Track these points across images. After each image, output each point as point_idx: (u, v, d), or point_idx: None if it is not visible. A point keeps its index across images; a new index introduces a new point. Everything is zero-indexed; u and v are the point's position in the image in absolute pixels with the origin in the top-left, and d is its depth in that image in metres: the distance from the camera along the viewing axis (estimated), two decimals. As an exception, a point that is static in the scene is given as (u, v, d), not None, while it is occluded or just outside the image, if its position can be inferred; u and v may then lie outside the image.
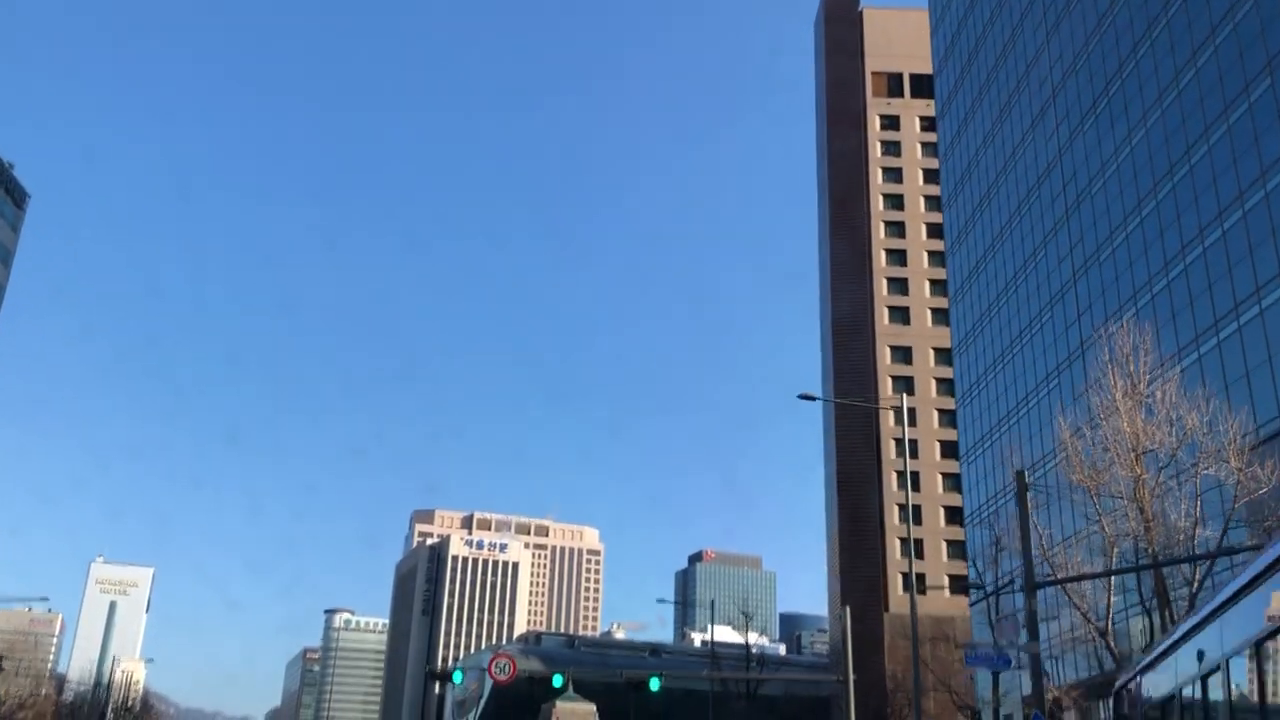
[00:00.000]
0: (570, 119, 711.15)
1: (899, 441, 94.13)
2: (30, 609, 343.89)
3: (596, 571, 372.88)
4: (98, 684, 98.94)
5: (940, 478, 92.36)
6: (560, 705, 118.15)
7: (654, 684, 29.51)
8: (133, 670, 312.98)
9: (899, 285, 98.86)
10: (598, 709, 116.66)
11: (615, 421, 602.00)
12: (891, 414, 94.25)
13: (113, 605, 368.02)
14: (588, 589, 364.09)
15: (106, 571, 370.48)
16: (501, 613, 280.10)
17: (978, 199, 70.62)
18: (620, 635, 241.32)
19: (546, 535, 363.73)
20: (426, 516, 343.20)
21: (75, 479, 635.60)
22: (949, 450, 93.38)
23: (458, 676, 31.63)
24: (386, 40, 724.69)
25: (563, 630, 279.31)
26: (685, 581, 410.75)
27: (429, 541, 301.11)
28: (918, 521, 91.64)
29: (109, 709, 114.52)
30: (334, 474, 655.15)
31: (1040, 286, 59.44)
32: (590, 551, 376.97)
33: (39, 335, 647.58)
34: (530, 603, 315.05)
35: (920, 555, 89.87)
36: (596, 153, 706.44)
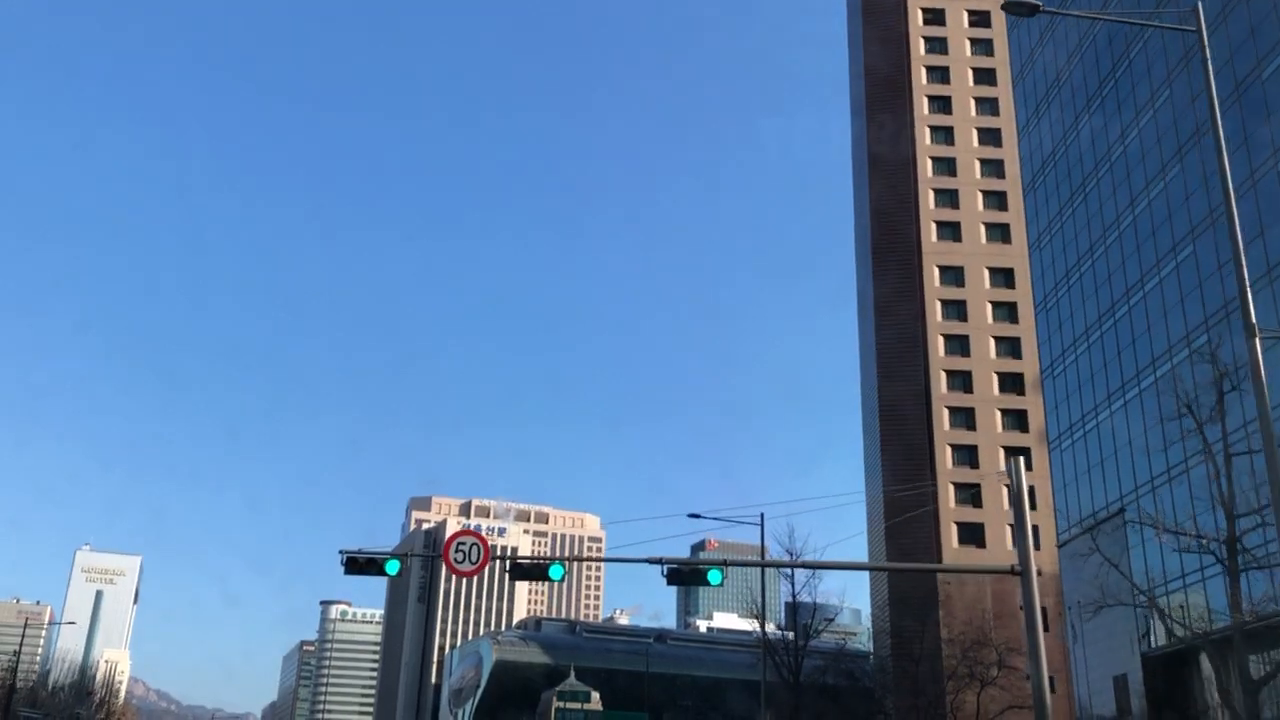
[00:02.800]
0: (569, 113, 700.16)
1: (950, 373, 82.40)
2: (18, 600, 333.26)
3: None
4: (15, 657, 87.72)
5: (1000, 415, 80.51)
6: (561, 712, 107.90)
7: (714, 577, 18.06)
8: (117, 660, 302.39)
9: (948, 197, 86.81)
10: (600, 696, 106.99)
11: (615, 413, 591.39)
12: (942, 341, 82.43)
13: (99, 594, 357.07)
14: (589, 577, 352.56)
15: (93, 560, 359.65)
16: (500, 599, 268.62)
17: (1065, 55, 58.73)
18: (624, 621, 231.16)
19: (546, 522, 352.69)
20: (423, 504, 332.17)
21: (73, 473, 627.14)
22: (1008, 384, 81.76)
23: (392, 566, 18.82)
24: (387, 36, 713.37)
25: (563, 618, 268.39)
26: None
27: (425, 528, 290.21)
28: (973, 464, 79.88)
29: (63, 696, 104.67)
30: (331, 467, 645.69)
31: (1162, 139, 47.61)
32: (591, 539, 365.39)
33: (37, 329, 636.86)
34: (530, 590, 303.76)
35: (978, 503, 78.10)
36: (595, 147, 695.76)
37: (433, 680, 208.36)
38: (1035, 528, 74.66)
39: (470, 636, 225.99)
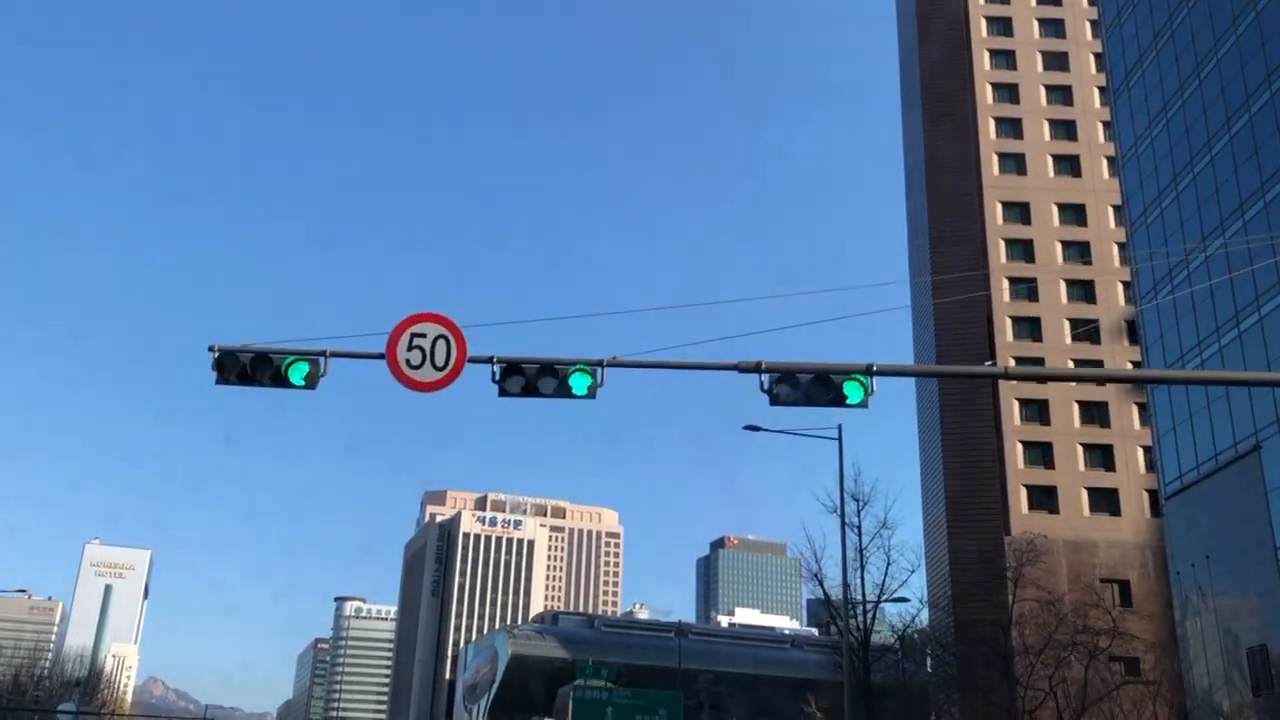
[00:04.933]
0: (567, 119, 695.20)
1: (1015, 320, 73.84)
2: (29, 596, 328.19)
3: (616, 554, 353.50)
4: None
5: (1071, 365, 71.80)
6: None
7: (855, 391, 9.43)
8: (124, 655, 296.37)
9: (1010, 127, 78.06)
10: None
11: (617, 424, 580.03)
12: (1007, 288, 73.82)
13: (108, 588, 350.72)
14: (607, 572, 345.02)
15: (102, 553, 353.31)
16: (516, 593, 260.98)
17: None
18: (643, 615, 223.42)
19: (563, 517, 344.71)
20: (438, 498, 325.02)
21: (73, 480, 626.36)
22: (1081, 330, 73.14)
23: (298, 370, 10.00)
24: (385, 42, 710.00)
25: (581, 613, 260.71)
26: (708, 568, 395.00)
27: (440, 520, 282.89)
28: (1044, 420, 71.26)
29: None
30: (334, 474, 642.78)
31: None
32: (609, 534, 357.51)
33: (38, 336, 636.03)
34: (548, 584, 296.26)
35: (1050, 464, 69.49)
36: (593, 149, 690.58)
37: (447, 676, 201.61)
38: (1114, 490, 65.07)
39: (485, 631, 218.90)
